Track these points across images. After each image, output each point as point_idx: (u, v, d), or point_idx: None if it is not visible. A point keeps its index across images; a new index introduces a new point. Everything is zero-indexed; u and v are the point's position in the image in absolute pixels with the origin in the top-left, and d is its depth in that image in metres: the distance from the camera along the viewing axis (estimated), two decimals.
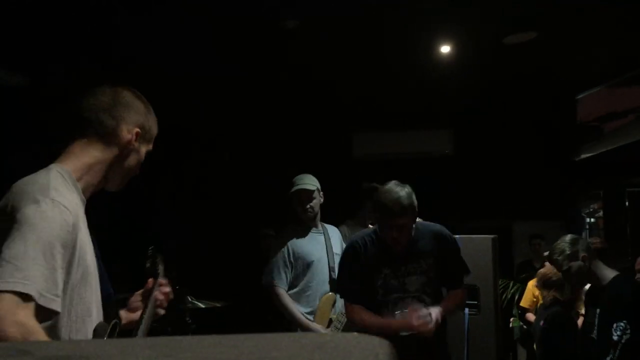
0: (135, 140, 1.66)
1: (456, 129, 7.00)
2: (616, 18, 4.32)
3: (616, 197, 6.50)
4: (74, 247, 1.42)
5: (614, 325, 2.87)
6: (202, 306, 4.37)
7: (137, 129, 1.67)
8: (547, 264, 5.16)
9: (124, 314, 1.86)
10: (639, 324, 2.81)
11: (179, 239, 6.24)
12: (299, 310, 3.55)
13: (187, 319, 4.28)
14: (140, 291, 1.95)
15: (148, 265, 2.07)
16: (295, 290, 3.61)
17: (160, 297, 1.94)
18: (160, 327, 4.42)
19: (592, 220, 6.96)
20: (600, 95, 6.27)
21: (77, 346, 0.51)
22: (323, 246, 3.67)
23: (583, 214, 7.12)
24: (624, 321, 2.83)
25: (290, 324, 3.55)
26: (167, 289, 2.00)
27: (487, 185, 6.80)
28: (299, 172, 3.76)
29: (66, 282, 1.39)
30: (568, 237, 3.22)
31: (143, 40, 4.55)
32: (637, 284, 3.34)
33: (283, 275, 3.61)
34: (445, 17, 4.33)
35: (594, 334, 3.10)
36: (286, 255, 3.62)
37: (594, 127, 6.50)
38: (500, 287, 5.08)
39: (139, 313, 1.86)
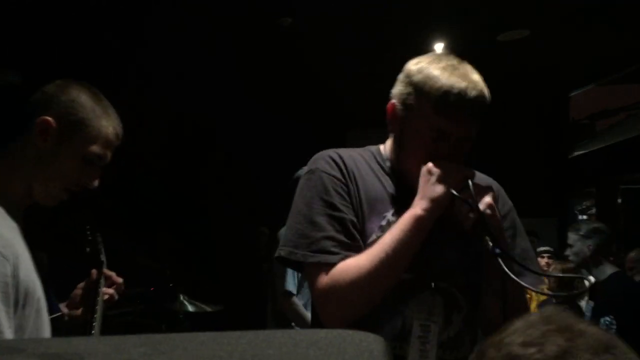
0: (47, 135, 1.24)
1: None
2: (608, 17, 4.33)
3: (609, 194, 6.53)
4: (17, 292, 1.17)
5: (602, 319, 2.91)
6: (191, 310, 4.31)
7: (48, 118, 1.24)
8: (540, 260, 5.19)
9: (64, 309, 1.57)
10: (625, 321, 2.84)
11: (172, 237, 6.23)
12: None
13: (180, 316, 4.27)
14: (81, 284, 1.61)
15: (88, 250, 1.71)
16: (305, 297, 3.30)
17: (110, 291, 1.61)
18: (153, 324, 4.43)
19: (585, 217, 6.98)
20: (593, 93, 6.30)
21: (70, 344, 0.51)
22: None
23: (576, 211, 7.15)
24: (611, 316, 2.88)
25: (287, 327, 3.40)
26: (119, 280, 1.65)
27: None
28: (293, 170, 3.70)
29: (20, 329, 1.18)
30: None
31: (139, 38, 4.53)
32: (631, 282, 3.40)
33: (296, 280, 3.27)
34: (439, 15, 4.33)
35: None
36: None
37: (587, 125, 6.52)
38: None
39: (80, 310, 1.57)
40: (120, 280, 1.64)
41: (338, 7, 4.09)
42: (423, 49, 5.26)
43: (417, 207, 1.26)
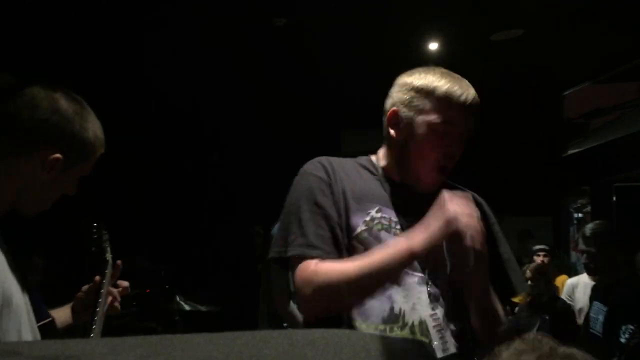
0: (52, 168, 1.26)
1: None
2: (602, 16, 4.35)
3: (604, 193, 6.55)
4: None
5: (622, 327, 2.84)
6: (187, 308, 4.33)
7: (57, 155, 1.25)
8: (536, 259, 5.19)
9: (62, 314, 1.54)
10: None
11: (168, 238, 6.21)
12: None
13: (176, 317, 4.26)
14: (85, 287, 1.60)
15: (94, 249, 1.70)
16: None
17: (114, 292, 1.62)
18: (149, 326, 4.42)
19: (580, 215, 7.01)
20: (586, 92, 6.31)
21: (66, 345, 0.51)
22: None
23: (571, 209, 7.17)
24: (635, 325, 2.79)
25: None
26: (125, 284, 1.67)
27: (475, 181, 6.80)
28: (288, 169, 3.68)
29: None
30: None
31: (135, 40, 4.52)
32: None
33: (292, 282, 3.29)
34: (433, 15, 4.34)
35: (596, 330, 3.09)
36: None
37: (581, 124, 6.54)
38: None
39: (85, 314, 1.55)
40: (126, 283, 1.65)
41: (333, 8, 4.09)
42: (417, 48, 5.30)
43: (416, 242, 1.31)
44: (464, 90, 1.44)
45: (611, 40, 4.88)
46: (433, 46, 4.95)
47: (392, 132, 1.52)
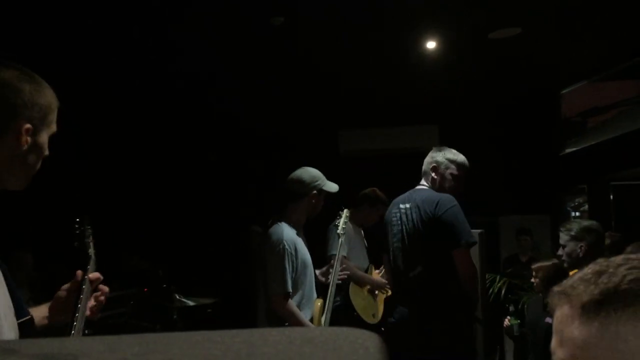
0: (27, 139, 1.29)
1: (442, 125, 7.03)
2: (599, 14, 4.35)
3: (601, 191, 6.56)
4: None
5: None
6: (191, 304, 4.35)
7: (28, 125, 1.29)
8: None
9: (38, 314, 1.51)
10: None
11: (166, 237, 6.21)
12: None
13: (175, 316, 4.26)
14: (66, 285, 1.56)
15: (76, 244, 1.66)
16: (297, 297, 3.32)
17: (92, 302, 1.57)
18: (147, 325, 4.42)
19: (577, 214, 7.02)
20: (583, 91, 6.32)
21: (64, 344, 0.50)
22: (306, 248, 3.45)
23: (568, 208, 7.18)
24: None
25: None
26: (105, 289, 1.61)
27: (473, 180, 6.81)
28: (286, 169, 3.67)
29: None
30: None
31: (134, 37, 4.52)
32: None
33: (291, 282, 3.24)
34: (431, 13, 4.34)
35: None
36: (292, 259, 3.27)
37: (578, 122, 6.55)
38: (487, 281, 5.10)
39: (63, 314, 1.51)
40: (106, 289, 1.61)
41: (330, 7, 4.09)
42: (415, 47, 5.29)
43: None
44: None
45: (608, 39, 4.89)
46: (431, 45, 4.95)
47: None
